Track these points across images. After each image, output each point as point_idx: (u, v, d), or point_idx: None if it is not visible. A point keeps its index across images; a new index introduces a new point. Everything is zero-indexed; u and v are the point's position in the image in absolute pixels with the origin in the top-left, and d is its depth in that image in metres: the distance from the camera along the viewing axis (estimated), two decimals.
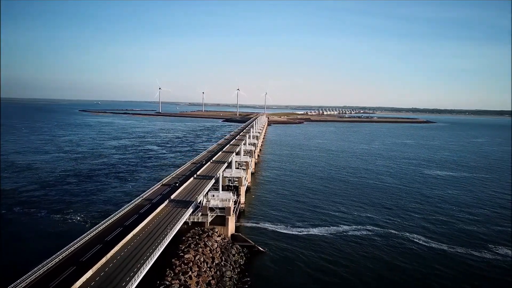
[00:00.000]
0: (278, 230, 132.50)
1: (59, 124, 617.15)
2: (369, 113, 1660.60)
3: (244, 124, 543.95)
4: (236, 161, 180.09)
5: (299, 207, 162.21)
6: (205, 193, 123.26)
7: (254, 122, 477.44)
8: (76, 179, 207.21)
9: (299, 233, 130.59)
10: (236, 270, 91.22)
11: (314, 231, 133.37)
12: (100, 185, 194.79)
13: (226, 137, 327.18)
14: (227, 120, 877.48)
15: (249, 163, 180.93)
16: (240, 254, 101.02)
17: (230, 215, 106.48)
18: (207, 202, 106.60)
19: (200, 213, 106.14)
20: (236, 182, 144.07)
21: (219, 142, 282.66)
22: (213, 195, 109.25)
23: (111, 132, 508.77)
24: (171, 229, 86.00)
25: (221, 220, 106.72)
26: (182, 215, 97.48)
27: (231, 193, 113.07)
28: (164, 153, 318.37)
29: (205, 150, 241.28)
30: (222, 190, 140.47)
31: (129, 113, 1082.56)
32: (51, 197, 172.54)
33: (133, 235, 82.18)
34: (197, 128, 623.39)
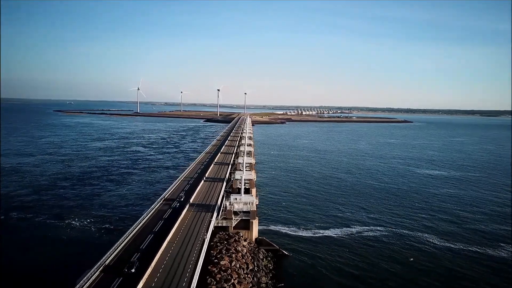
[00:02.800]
0: (291, 232, 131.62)
1: (37, 125, 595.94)
2: (347, 112, 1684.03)
3: (230, 124, 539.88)
4: (240, 163, 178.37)
5: (304, 208, 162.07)
6: (221, 196, 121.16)
7: (244, 122, 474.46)
8: (69, 183, 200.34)
9: (314, 235, 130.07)
10: (269, 276, 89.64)
11: (328, 232, 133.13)
12: (95, 189, 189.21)
13: (217, 138, 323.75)
14: (208, 120, 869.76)
15: (253, 164, 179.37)
16: (268, 258, 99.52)
17: (254, 219, 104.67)
18: (231, 206, 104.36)
19: (223, 217, 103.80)
20: (247, 185, 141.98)
21: (213, 143, 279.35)
22: (236, 199, 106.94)
23: (92, 133, 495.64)
24: (206, 235, 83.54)
25: (244, 224, 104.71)
26: (208, 220, 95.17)
27: (253, 196, 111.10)
28: (153, 155, 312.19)
29: (203, 151, 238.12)
30: (234, 192, 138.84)
31: (106, 113, 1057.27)
32: (47, 201, 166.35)
33: (168, 242, 79.30)
34: (180, 128, 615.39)
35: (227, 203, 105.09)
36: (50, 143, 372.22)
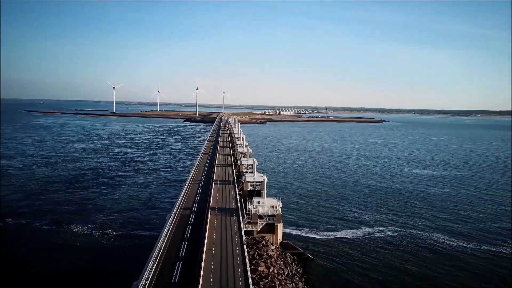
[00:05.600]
0: (304, 234, 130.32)
1: (10, 125, 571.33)
2: (323, 112, 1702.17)
3: (214, 124, 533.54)
4: (243, 164, 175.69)
5: (309, 209, 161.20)
6: (238, 199, 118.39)
7: (229, 122, 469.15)
8: (60, 187, 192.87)
9: (327, 237, 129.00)
10: (302, 280, 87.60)
11: (341, 234, 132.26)
12: (88, 193, 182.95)
13: (208, 139, 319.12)
14: (188, 120, 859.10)
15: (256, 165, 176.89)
16: (295, 262, 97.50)
17: (280, 222, 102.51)
18: (255, 210, 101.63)
19: (248, 221, 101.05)
20: (258, 187, 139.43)
21: (206, 144, 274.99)
22: (259, 202, 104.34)
23: (71, 134, 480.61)
24: (244, 241, 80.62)
25: (268, 228, 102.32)
26: (238, 225, 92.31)
27: (276, 199, 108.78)
28: (140, 156, 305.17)
29: (199, 153, 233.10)
30: (245, 195, 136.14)
31: (81, 113, 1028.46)
32: (41, 207, 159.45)
33: (207, 249, 75.87)
34: (161, 129, 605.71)
35: (251, 207, 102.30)
36: (28, 144, 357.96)
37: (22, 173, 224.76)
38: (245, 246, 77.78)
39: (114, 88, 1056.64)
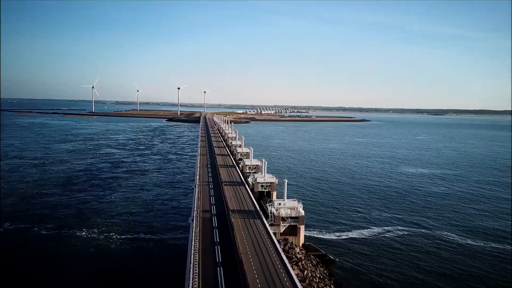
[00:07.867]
0: (315, 235, 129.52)
1: None
2: (303, 112, 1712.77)
3: (200, 124, 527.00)
4: (247, 165, 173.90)
5: (314, 209, 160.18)
6: (255, 201, 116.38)
7: (222, 122, 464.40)
8: (54, 190, 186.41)
9: (340, 238, 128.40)
10: (332, 283, 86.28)
11: (353, 235, 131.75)
12: (85, 196, 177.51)
13: (200, 139, 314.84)
14: (170, 119, 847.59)
15: (260, 166, 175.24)
16: (320, 264, 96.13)
17: (303, 224, 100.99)
18: (278, 212, 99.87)
19: (271, 223, 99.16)
20: (268, 188, 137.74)
21: (201, 145, 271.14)
22: (280, 204, 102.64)
23: (53, 134, 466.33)
24: (278, 245, 78.67)
25: (290, 230, 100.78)
26: (264, 228, 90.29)
27: (297, 201, 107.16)
28: (129, 157, 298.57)
29: (198, 154, 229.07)
30: (255, 196, 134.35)
31: (59, 113, 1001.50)
32: (38, 211, 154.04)
33: (243, 254, 73.61)
34: (144, 129, 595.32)
35: (273, 209, 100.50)
36: (10, 145, 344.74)
37: (11, 175, 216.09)
38: (280, 249, 75.87)
39: (93, 87, 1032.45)
